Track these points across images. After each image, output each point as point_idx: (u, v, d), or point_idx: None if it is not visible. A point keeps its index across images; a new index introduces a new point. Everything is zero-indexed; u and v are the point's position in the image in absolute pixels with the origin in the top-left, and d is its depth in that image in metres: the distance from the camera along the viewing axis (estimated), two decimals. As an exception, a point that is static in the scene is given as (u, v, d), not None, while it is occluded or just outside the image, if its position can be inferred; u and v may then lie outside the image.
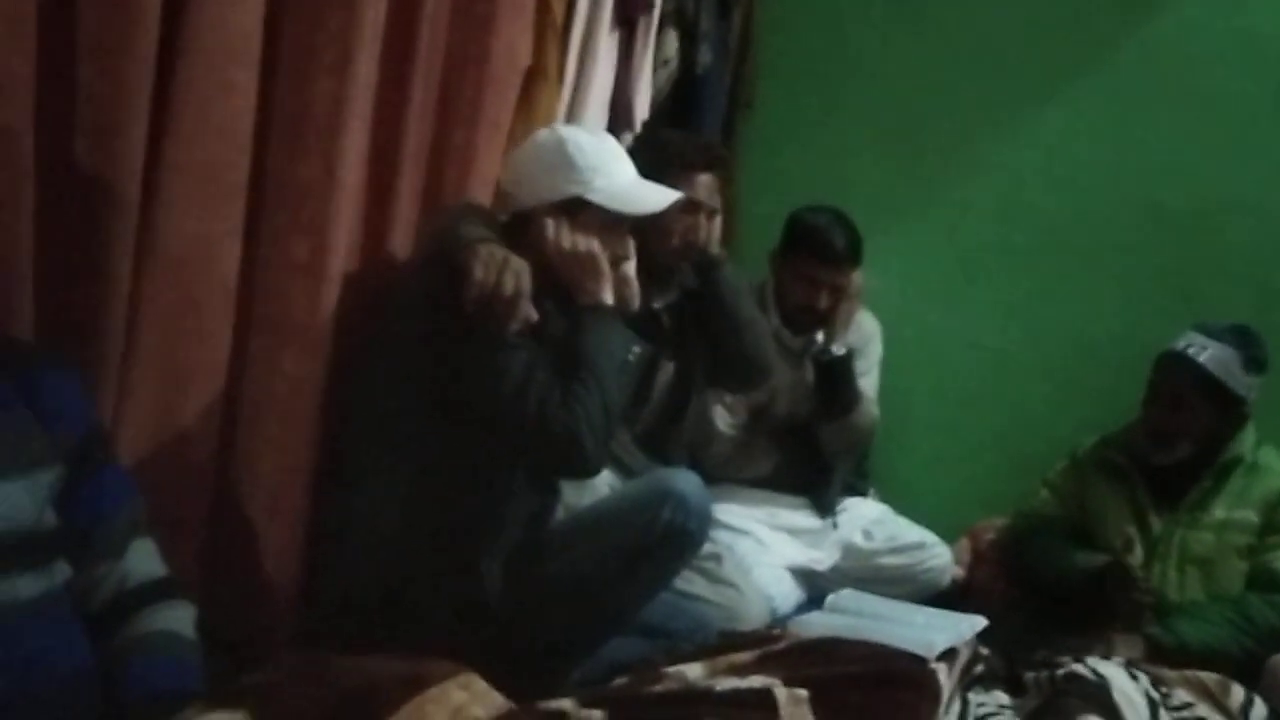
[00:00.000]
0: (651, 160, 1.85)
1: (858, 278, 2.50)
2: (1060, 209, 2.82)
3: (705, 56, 2.71)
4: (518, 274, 1.60)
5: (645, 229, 1.83)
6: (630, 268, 1.81)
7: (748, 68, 2.99)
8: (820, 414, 2.51)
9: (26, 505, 1.21)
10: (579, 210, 1.73)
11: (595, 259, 1.71)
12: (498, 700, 1.40)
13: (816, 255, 2.46)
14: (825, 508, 2.57)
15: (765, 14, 2.99)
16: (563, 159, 1.73)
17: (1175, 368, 2.26)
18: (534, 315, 1.63)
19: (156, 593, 1.32)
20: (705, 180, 2.07)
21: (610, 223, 1.74)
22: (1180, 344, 2.27)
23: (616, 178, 1.76)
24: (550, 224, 1.71)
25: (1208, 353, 2.23)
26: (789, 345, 2.51)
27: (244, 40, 1.56)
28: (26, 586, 1.20)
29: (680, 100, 2.69)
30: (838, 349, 2.47)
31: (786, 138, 3.00)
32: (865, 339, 2.60)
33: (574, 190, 1.72)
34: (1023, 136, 2.86)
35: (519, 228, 1.75)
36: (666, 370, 2.14)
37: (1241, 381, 2.25)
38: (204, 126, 1.52)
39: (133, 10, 1.40)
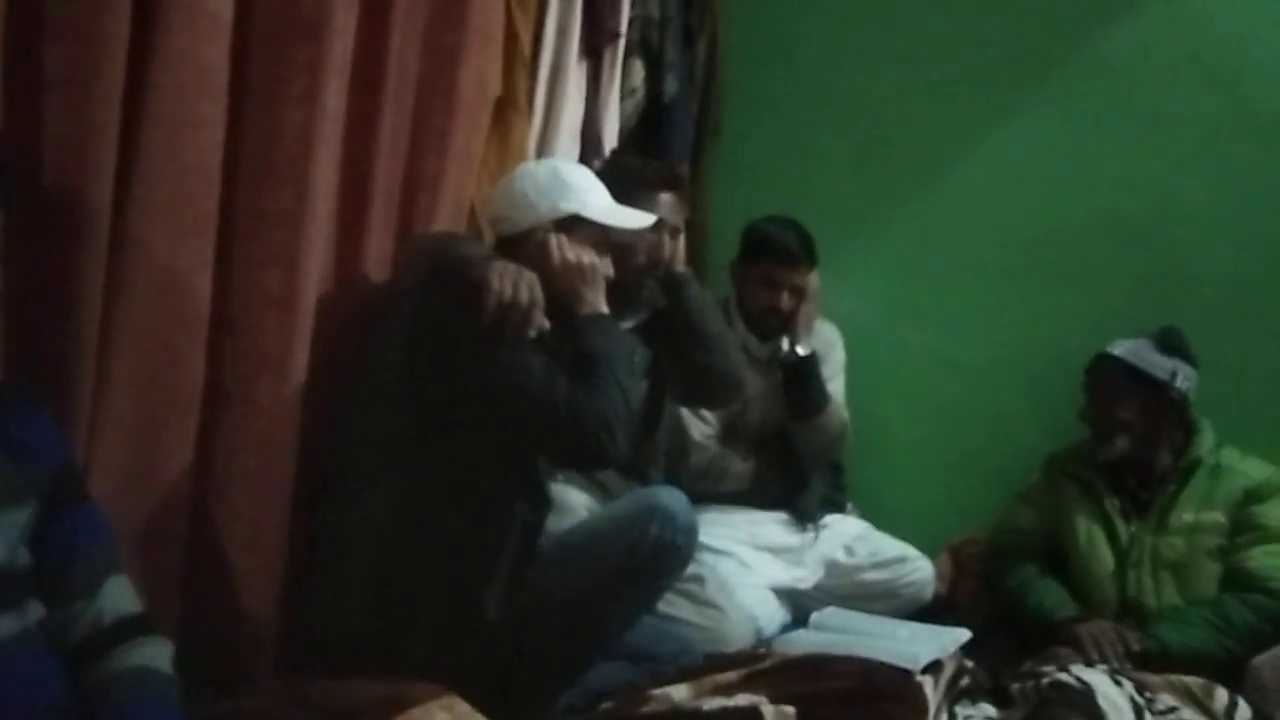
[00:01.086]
0: (614, 183, 1.92)
1: (814, 280, 2.59)
2: (1027, 224, 2.86)
3: (671, 86, 2.74)
4: (531, 285, 1.69)
5: (612, 250, 1.89)
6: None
7: (713, 96, 3.03)
8: (791, 416, 2.55)
9: (-1, 544, 1.19)
10: (574, 227, 1.82)
11: (595, 269, 1.81)
12: (481, 722, 1.39)
13: (774, 257, 2.56)
14: (804, 515, 2.58)
15: (729, 43, 3.03)
16: (558, 181, 1.84)
17: (1098, 366, 2.48)
18: (547, 324, 1.69)
19: (132, 629, 1.29)
20: (666, 199, 2.12)
21: (599, 240, 1.84)
22: (1105, 348, 2.47)
23: (604, 200, 1.87)
24: (551, 239, 1.79)
25: (1123, 347, 2.44)
26: (756, 354, 2.56)
27: (212, 73, 1.56)
28: (0, 627, 1.18)
29: (648, 129, 2.72)
30: (803, 349, 2.55)
31: (754, 163, 3.03)
32: (827, 346, 2.67)
33: (572, 208, 1.82)
34: (987, 154, 2.89)
35: (509, 250, 1.81)
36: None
37: (1158, 364, 2.39)
38: (173, 159, 1.51)
39: (100, 44, 1.40)
